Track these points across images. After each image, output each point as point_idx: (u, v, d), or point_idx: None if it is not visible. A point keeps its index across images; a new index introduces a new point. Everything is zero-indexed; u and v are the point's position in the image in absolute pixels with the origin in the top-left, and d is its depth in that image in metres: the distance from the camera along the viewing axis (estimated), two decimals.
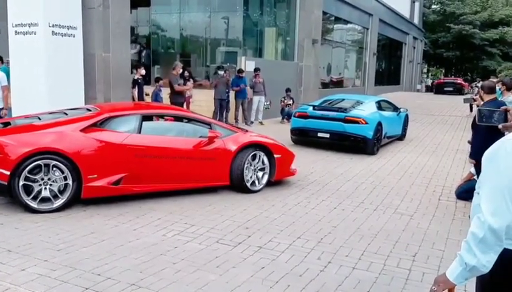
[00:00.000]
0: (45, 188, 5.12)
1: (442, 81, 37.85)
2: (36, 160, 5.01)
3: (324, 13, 19.45)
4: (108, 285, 3.49)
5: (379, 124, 9.96)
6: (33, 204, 5.08)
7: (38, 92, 8.56)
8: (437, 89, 34.55)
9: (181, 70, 11.33)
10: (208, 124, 6.45)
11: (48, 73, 8.55)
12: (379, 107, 10.70)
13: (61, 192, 5.21)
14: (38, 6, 8.42)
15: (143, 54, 19.35)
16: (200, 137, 6.19)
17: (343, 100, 11.19)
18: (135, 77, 10.70)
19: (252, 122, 13.92)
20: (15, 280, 3.50)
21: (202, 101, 13.54)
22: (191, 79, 13.51)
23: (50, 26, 8.50)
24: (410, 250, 4.48)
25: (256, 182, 6.47)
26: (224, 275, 3.77)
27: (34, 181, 5.06)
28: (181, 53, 19.56)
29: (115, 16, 9.66)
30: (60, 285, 3.46)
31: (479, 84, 16.81)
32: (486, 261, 1.73)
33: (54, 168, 5.13)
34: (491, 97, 5.48)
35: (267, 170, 6.59)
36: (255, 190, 6.41)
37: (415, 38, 37.48)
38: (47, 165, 5.09)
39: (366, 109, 10.17)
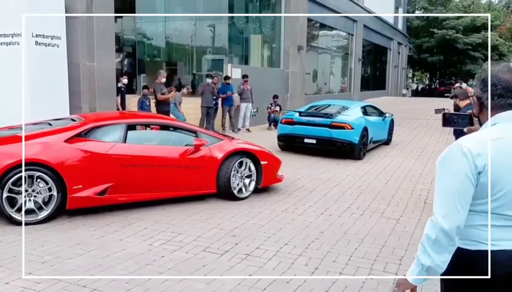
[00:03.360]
0: (30, 199, 5.06)
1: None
2: (19, 172, 4.94)
3: (309, 20, 19.60)
4: None
5: (365, 129, 10.04)
6: (17, 216, 5.01)
7: (21, 103, 8.46)
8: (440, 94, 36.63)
9: (164, 79, 11.32)
10: (194, 132, 6.45)
11: (33, 84, 8.47)
12: (365, 113, 10.80)
13: (46, 204, 5.14)
14: (21, 16, 8.35)
15: (125, 62, 19.27)
16: (186, 145, 6.18)
17: (329, 105, 11.28)
18: (119, 85, 10.69)
19: (239, 129, 13.94)
20: None
21: (188, 109, 13.53)
22: (185, 87, 13.62)
23: (33, 36, 8.44)
24: (396, 254, 4.50)
25: (244, 189, 6.47)
26: (211, 284, 3.76)
27: (18, 193, 5.00)
28: (167, 62, 19.53)
29: (100, 25, 9.62)
30: None
31: (463, 85, 17.07)
32: (441, 262, 1.79)
33: (38, 180, 5.08)
34: (466, 102, 5.56)
35: (254, 177, 6.59)
36: (242, 197, 6.41)
37: (399, 44, 37.92)
38: (31, 177, 5.02)
39: (352, 114, 10.26)
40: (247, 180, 6.54)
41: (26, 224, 5.01)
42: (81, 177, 5.29)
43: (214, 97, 13.23)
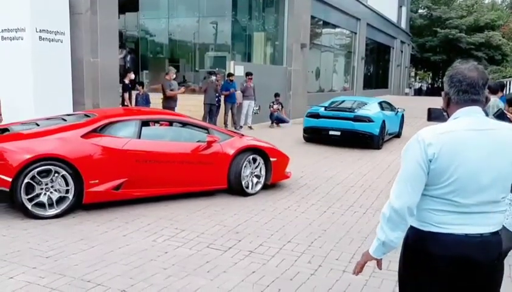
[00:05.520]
0: (45, 193, 5.12)
1: None
2: (37, 167, 5.01)
3: (312, 18, 19.54)
4: None
5: (383, 122, 11.13)
6: (29, 206, 5.03)
7: (25, 98, 8.48)
8: None
9: (174, 76, 11.33)
10: (206, 128, 6.56)
11: (36, 79, 8.48)
12: (381, 108, 11.79)
13: (62, 199, 5.22)
14: (25, 11, 8.36)
15: (128, 59, 19.26)
16: (198, 141, 6.28)
17: (349, 101, 12.40)
18: (126, 82, 10.70)
19: (241, 127, 13.93)
20: (3, 289, 3.46)
21: (191, 105, 13.52)
22: (180, 88, 13.57)
23: (37, 31, 8.44)
24: (399, 252, 4.49)
25: (254, 185, 6.56)
26: (214, 280, 3.77)
27: (34, 188, 5.05)
28: (170, 58, 19.51)
29: (104, 22, 9.61)
30: None
31: None
32: (394, 237, 2.01)
33: (56, 175, 5.13)
34: None
35: (264, 174, 6.67)
36: (251, 193, 6.50)
37: (402, 42, 37.85)
38: (49, 171, 5.09)
39: (372, 109, 11.36)
40: (256, 177, 6.62)
41: (35, 217, 5.05)
42: (97, 172, 5.37)
43: (217, 94, 13.22)
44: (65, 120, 5.96)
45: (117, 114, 6.40)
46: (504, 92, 8.13)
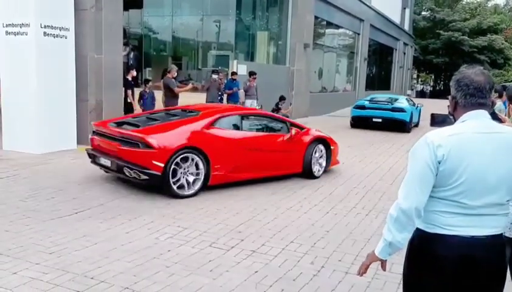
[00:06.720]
0: (183, 177, 6.11)
1: None
2: (180, 154, 6.04)
3: (316, 18, 19.53)
4: (101, 289, 3.47)
5: (411, 113, 15.26)
6: (175, 188, 6.01)
7: (28, 93, 8.47)
8: None
9: (176, 74, 11.29)
10: (285, 122, 7.81)
11: (39, 75, 8.47)
12: (408, 102, 15.89)
13: (194, 181, 6.22)
14: (30, 6, 8.35)
15: (131, 56, 19.25)
16: (282, 133, 7.49)
17: (384, 96, 16.71)
18: (129, 79, 10.68)
19: None
20: (6, 284, 3.47)
21: (192, 104, 13.46)
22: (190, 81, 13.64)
23: (41, 27, 8.42)
24: (402, 254, 4.47)
25: (318, 170, 7.81)
26: (217, 279, 3.77)
27: (176, 172, 6.03)
28: (173, 56, 19.50)
29: (108, 18, 9.60)
30: (52, 288, 3.43)
31: None
32: (401, 238, 2.02)
33: (191, 161, 6.16)
34: None
35: (325, 159, 7.96)
36: (318, 176, 7.77)
37: (405, 44, 37.80)
38: (187, 158, 6.13)
39: (403, 102, 15.60)
40: (320, 163, 7.88)
41: (178, 197, 6.04)
42: (218, 158, 6.44)
43: (220, 93, 13.20)
44: (176, 115, 6.96)
45: (221, 109, 7.42)
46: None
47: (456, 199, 1.97)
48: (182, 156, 6.04)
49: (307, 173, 7.61)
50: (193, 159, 6.17)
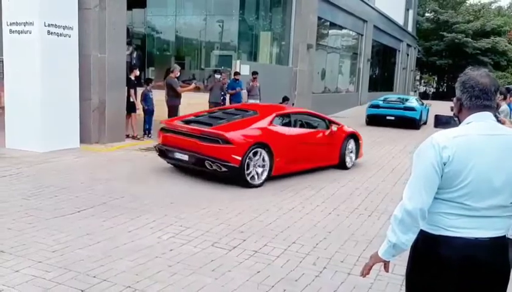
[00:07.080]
0: (254, 169, 6.90)
1: None
2: (253, 149, 6.84)
3: (319, 18, 19.49)
4: (104, 287, 3.47)
5: (421, 112, 16.95)
6: (248, 178, 6.80)
7: (32, 92, 8.48)
8: None
9: (179, 73, 11.30)
10: (324, 119, 8.71)
11: (43, 73, 8.48)
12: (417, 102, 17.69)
13: (262, 172, 7.02)
14: (34, 5, 8.36)
15: (134, 55, 19.28)
16: (323, 129, 8.41)
17: (396, 97, 18.58)
18: (132, 78, 10.69)
19: None
20: (9, 282, 3.47)
21: (195, 104, 13.49)
22: (193, 81, 13.65)
23: (45, 25, 8.43)
24: (404, 256, 4.46)
25: (349, 161, 8.80)
26: (219, 279, 3.77)
27: (249, 165, 6.80)
28: (176, 56, 19.51)
29: (112, 17, 9.61)
30: (55, 286, 3.44)
31: None
32: (405, 240, 2.02)
33: (260, 154, 6.94)
34: None
35: (355, 152, 8.93)
36: (349, 167, 8.74)
37: (408, 45, 37.72)
38: (256, 152, 6.90)
39: (414, 102, 17.43)
40: (350, 155, 8.84)
41: (251, 186, 6.84)
42: (279, 151, 7.21)
43: (223, 93, 13.20)
44: (237, 115, 7.71)
45: (276, 109, 8.36)
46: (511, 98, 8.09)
47: (461, 200, 1.96)
48: (253, 150, 6.84)
49: (342, 164, 8.58)
50: (260, 153, 6.96)
